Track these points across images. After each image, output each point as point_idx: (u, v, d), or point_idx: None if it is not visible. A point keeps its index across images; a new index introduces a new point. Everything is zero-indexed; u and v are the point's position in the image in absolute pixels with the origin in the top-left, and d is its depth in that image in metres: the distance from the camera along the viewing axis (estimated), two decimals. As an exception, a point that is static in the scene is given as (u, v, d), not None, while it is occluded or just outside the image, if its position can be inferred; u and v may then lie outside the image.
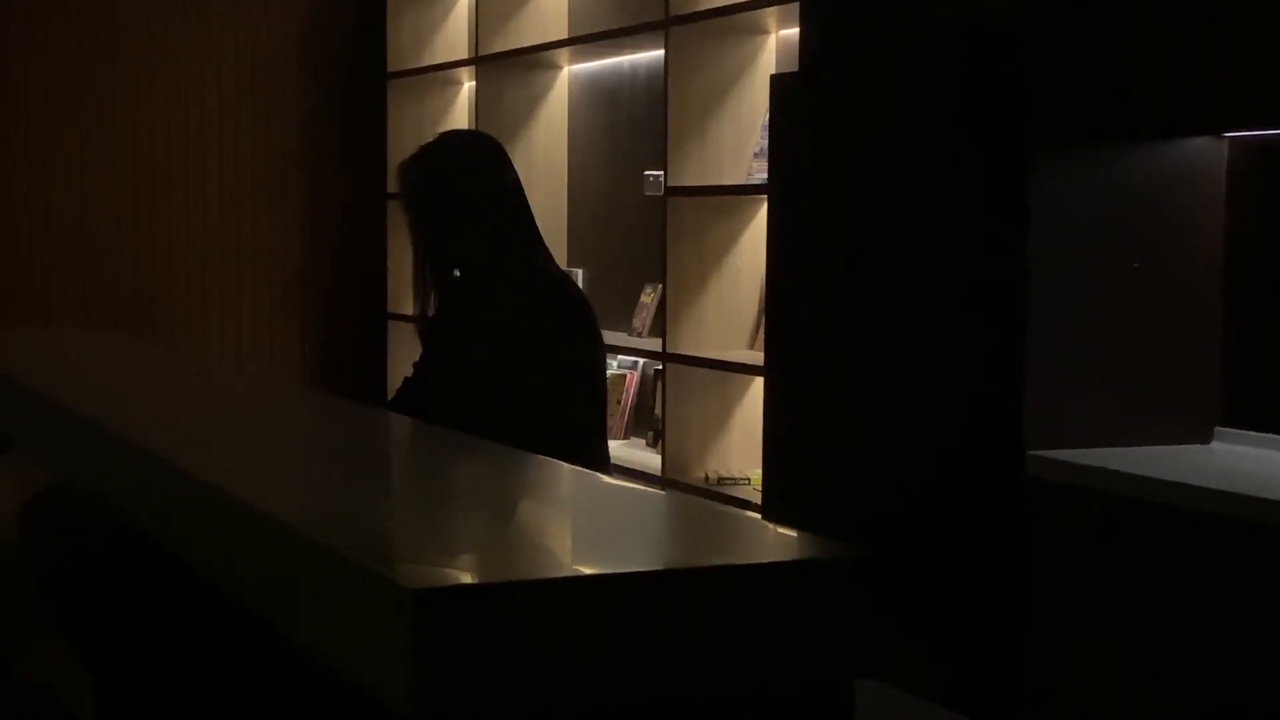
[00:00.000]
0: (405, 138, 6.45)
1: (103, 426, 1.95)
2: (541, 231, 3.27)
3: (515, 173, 3.25)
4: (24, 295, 6.59)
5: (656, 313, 5.35)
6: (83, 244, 6.69)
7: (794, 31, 4.62)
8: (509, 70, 6.15)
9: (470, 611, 1.10)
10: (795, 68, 4.26)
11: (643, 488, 1.61)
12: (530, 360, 3.08)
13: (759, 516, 1.46)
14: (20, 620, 2.42)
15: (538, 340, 3.09)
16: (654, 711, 1.20)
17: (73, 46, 6.64)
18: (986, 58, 3.45)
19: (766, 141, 4.38)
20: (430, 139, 3.35)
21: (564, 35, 5.99)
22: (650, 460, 5.19)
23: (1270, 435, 3.34)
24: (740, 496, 4.71)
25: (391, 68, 6.89)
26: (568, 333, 3.13)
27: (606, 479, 1.72)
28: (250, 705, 1.79)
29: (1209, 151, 3.41)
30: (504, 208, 3.20)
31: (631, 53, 5.70)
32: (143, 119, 6.77)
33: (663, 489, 4.72)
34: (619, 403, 5.58)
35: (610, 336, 4.66)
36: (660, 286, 5.17)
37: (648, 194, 5.34)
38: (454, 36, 6.84)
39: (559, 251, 5.94)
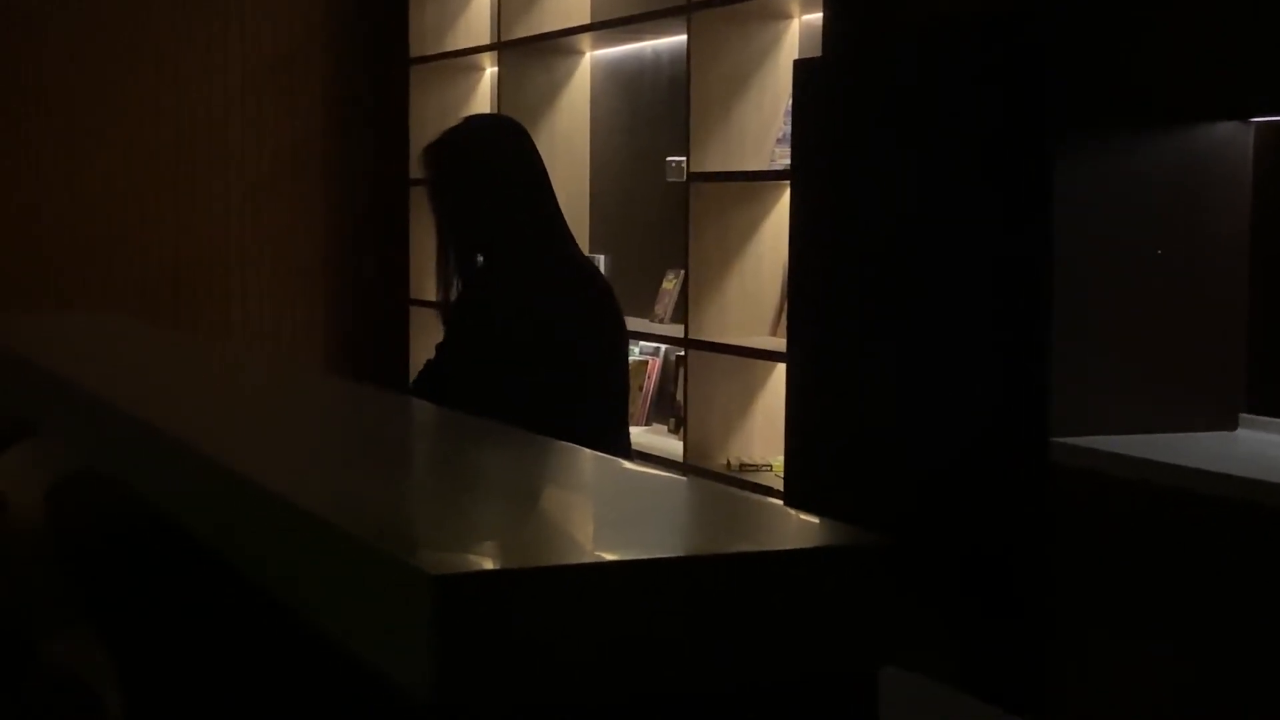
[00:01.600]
0: (428, 124, 6.44)
1: (126, 411, 1.95)
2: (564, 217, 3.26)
3: (539, 157, 3.24)
4: (46, 282, 6.61)
5: (678, 299, 5.34)
6: (104, 231, 6.70)
7: (817, 16, 4.61)
8: (531, 56, 6.14)
9: (492, 597, 1.10)
10: (818, 53, 4.24)
11: (664, 474, 1.60)
12: (553, 347, 3.07)
13: (781, 503, 1.46)
14: (45, 606, 2.43)
15: (561, 327, 3.08)
16: (676, 698, 1.19)
17: (95, 31, 6.65)
18: (1010, 43, 3.43)
19: (789, 127, 4.37)
20: (453, 124, 3.35)
21: (586, 21, 5.98)
22: (672, 446, 5.19)
23: (1296, 422, 3.33)
24: (762, 483, 4.71)
25: (414, 53, 6.88)
26: (591, 320, 3.12)
27: (628, 465, 1.72)
28: (272, 690, 1.79)
29: (1236, 136, 3.39)
30: (527, 193, 3.19)
31: (654, 38, 5.69)
32: (165, 106, 6.78)
33: (684, 475, 4.72)
34: (640, 389, 5.58)
35: (632, 322, 4.66)
36: (682, 272, 5.16)
37: (670, 180, 5.33)
38: (476, 22, 6.83)
39: (581, 237, 5.93)
